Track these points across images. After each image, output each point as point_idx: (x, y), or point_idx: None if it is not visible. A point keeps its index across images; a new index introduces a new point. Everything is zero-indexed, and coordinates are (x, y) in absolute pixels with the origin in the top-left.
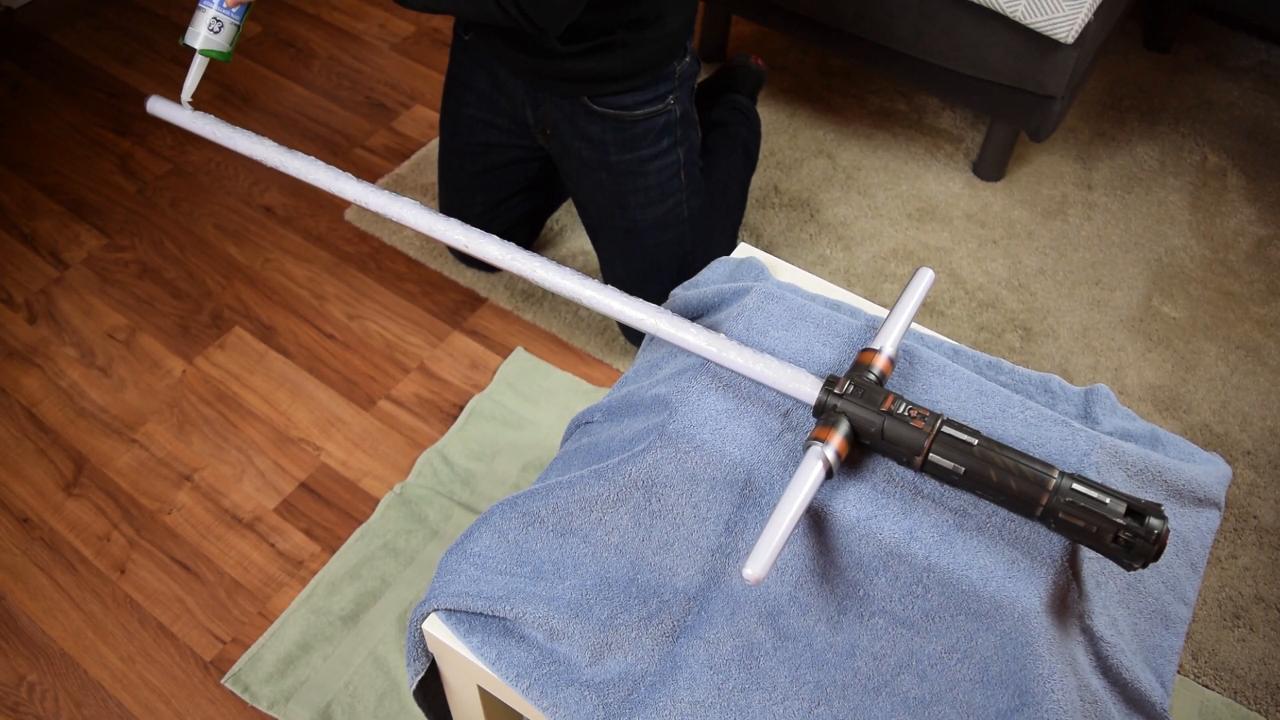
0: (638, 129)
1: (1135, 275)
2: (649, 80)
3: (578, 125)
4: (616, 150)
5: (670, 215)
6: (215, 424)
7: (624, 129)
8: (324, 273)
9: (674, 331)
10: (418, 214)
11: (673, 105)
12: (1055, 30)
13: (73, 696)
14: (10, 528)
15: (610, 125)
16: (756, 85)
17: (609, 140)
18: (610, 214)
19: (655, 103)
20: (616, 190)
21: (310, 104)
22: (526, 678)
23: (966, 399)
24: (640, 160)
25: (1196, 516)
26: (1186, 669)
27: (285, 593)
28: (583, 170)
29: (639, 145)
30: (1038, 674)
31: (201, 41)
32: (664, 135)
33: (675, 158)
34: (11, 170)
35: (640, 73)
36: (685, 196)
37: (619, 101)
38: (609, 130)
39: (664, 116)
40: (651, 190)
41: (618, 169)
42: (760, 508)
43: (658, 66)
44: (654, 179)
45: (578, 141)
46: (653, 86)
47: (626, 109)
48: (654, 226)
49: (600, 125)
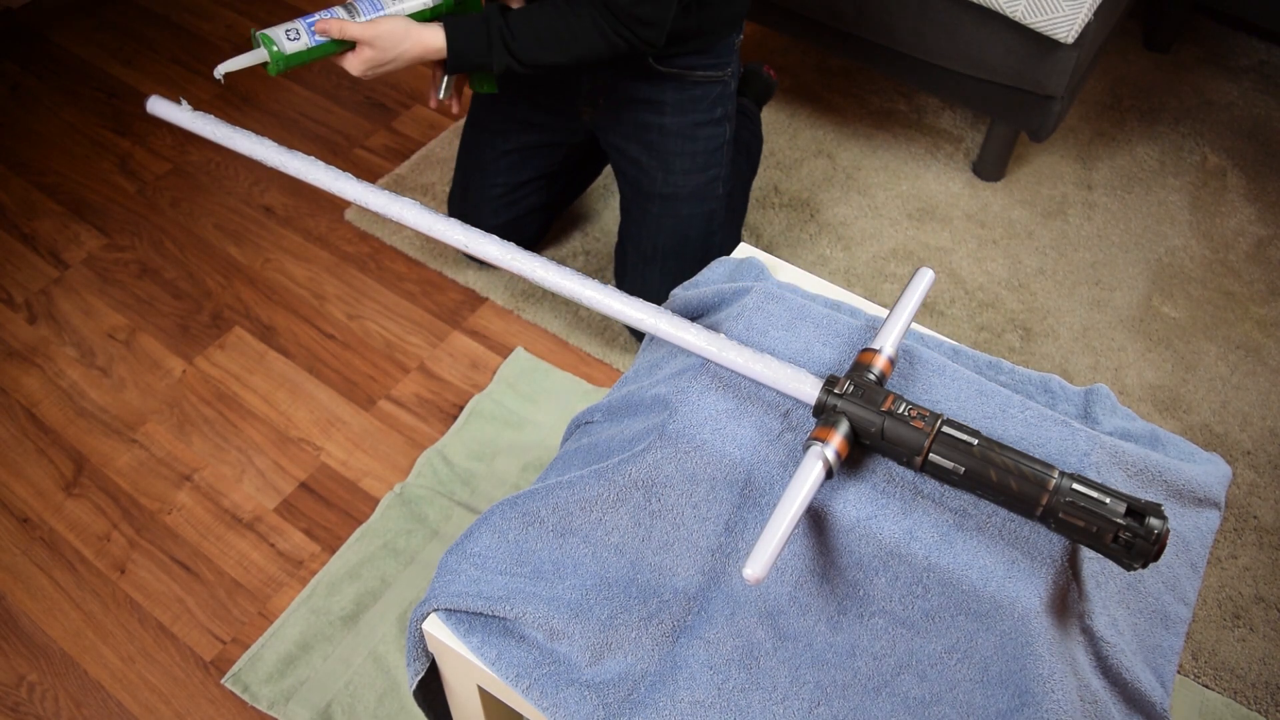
0: (697, 91)
1: (1135, 275)
2: (715, 42)
3: (639, 88)
4: (674, 112)
5: (708, 187)
6: (215, 424)
7: (684, 89)
8: (324, 273)
9: (674, 331)
10: (418, 214)
11: (729, 77)
12: (1055, 30)
13: (73, 696)
14: (10, 528)
15: (671, 86)
16: (764, 94)
17: (667, 100)
18: (653, 178)
19: (716, 69)
20: (664, 152)
21: (310, 104)
22: (526, 678)
23: (966, 399)
24: (694, 124)
25: (1196, 516)
26: (1186, 669)
27: (285, 593)
28: (633, 134)
29: (695, 108)
30: (1038, 674)
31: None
32: (718, 105)
33: (724, 130)
34: (11, 170)
35: (710, 33)
36: (722, 173)
37: (684, 61)
38: (669, 90)
39: (720, 85)
40: (699, 156)
41: (670, 130)
42: (760, 508)
43: (726, 30)
44: (702, 145)
45: (635, 105)
46: (716, 52)
47: (690, 69)
48: (692, 195)
49: (661, 86)
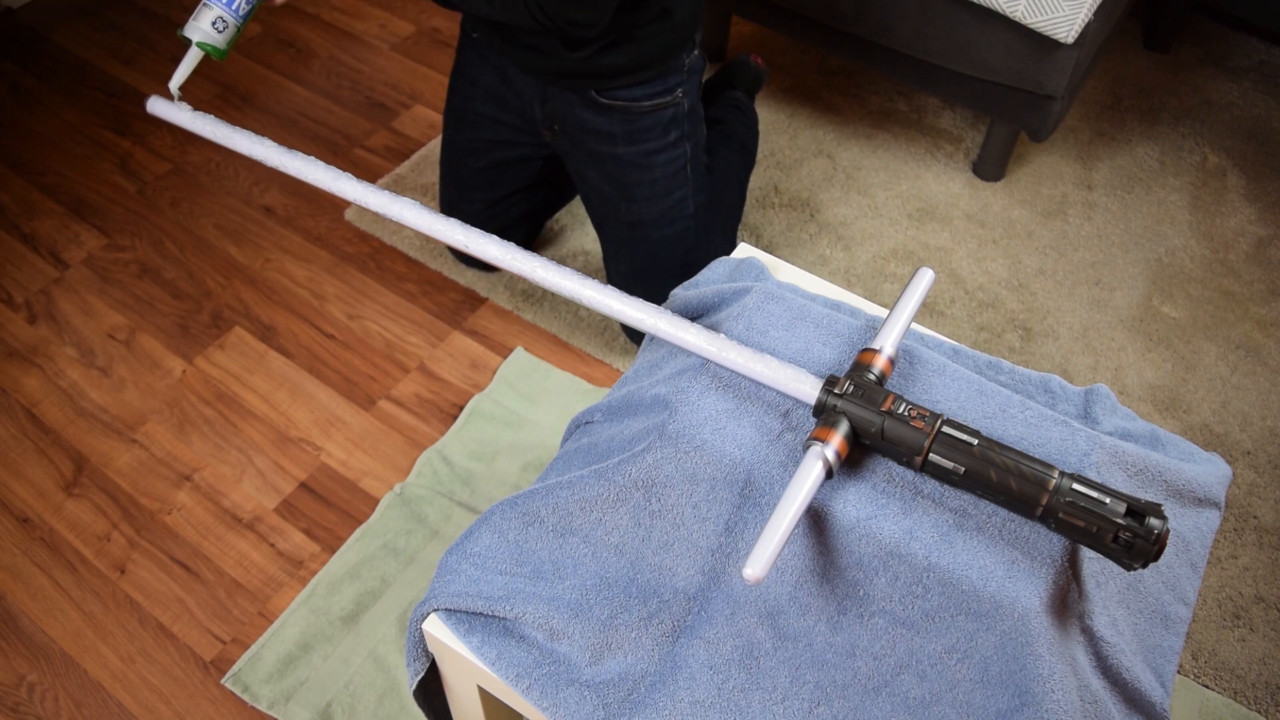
0: (646, 120)
1: (1135, 275)
2: (658, 73)
3: (586, 118)
4: (624, 142)
5: (675, 210)
6: (215, 424)
7: (632, 121)
8: (324, 273)
9: (674, 331)
10: (418, 214)
11: (681, 98)
12: (1055, 30)
13: (73, 696)
14: (10, 528)
15: (618, 117)
16: (756, 84)
17: (617, 132)
18: (616, 207)
19: (664, 95)
20: (623, 182)
21: (310, 104)
22: (526, 678)
23: (966, 399)
24: (648, 153)
25: (1196, 516)
26: (1186, 669)
27: (285, 593)
28: (590, 163)
29: (647, 137)
30: (1038, 674)
31: (200, 36)
32: (672, 128)
33: (682, 151)
34: (11, 170)
35: (649, 65)
36: (691, 191)
37: (628, 94)
38: (617, 122)
39: (672, 109)
40: (658, 183)
41: (625, 160)
42: (760, 508)
43: (666, 59)
44: (660, 172)
45: (586, 135)
46: (661, 79)
47: (635, 100)
48: (659, 220)
49: (608, 117)
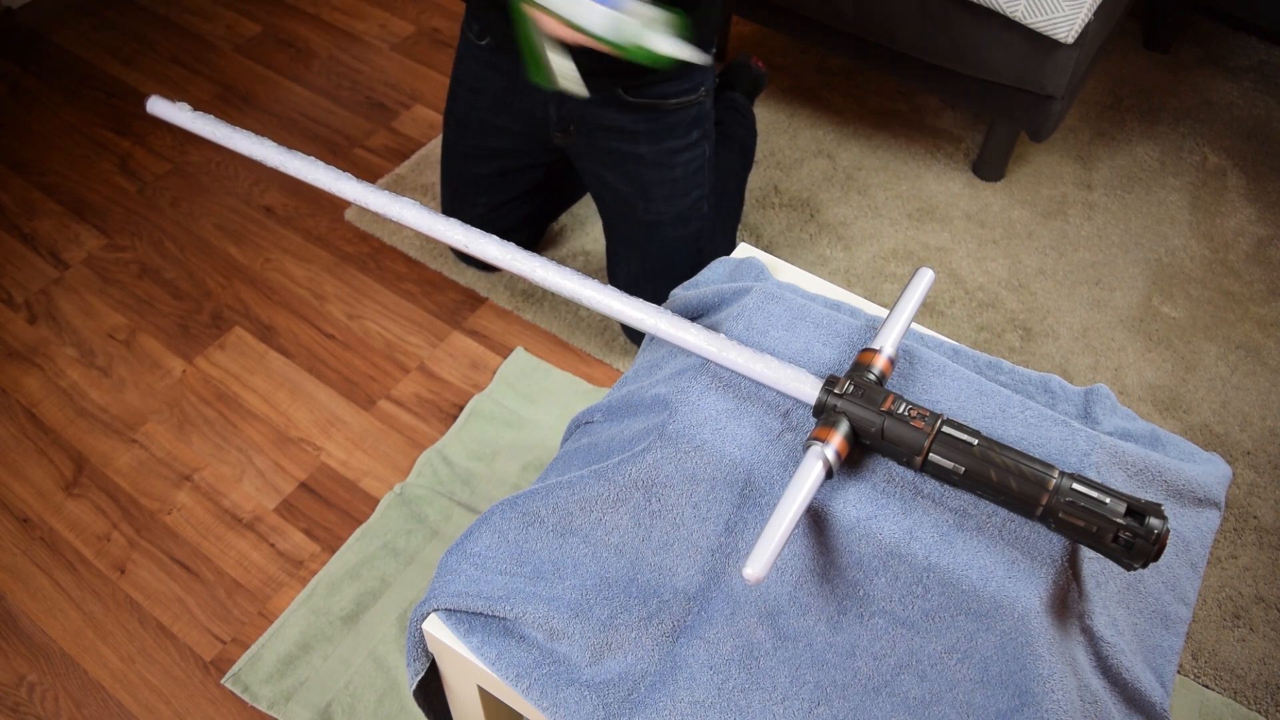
0: (671, 119)
1: (1135, 275)
2: (686, 68)
3: (609, 117)
4: (648, 141)
5: (692, 210)
6: (215, 424)
7: (658, 119)
8: (324, 273)
9: (674, 331)
10: (418, 214)
11: (704, 97)
12: (1055, 30)
13: (73, 696)
14: (10, 528)
15: (644, 115)
16: (755, 87)
17: (640, 131)
18: (633, 207)
19: (690, 92)
20: (643, 182)
21: (310, 104)
22: (526, 678)
23: (966, 399)
24: (670, 151)
25: (1196, 516)
26: (1186, 669)
27: (285, 593)
28: (608, 163)
29: (670, 136)
30: (1038, 674)
31: None
32: (694, 127)
33: (702, 150)
34: (11, 170)
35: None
36: (707, 191)
37: (656, 90)
38: (642, 120)
39: (696, 107)
40: (678, 182)
41: (647, 160)
42: (760, 508)
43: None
44: (681, 171)
45: (607, 134)
46: (689, 76)
47: (664, 98)
48: (676, 220)
49: (633, 116)
